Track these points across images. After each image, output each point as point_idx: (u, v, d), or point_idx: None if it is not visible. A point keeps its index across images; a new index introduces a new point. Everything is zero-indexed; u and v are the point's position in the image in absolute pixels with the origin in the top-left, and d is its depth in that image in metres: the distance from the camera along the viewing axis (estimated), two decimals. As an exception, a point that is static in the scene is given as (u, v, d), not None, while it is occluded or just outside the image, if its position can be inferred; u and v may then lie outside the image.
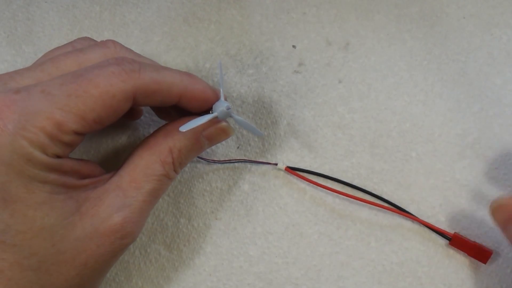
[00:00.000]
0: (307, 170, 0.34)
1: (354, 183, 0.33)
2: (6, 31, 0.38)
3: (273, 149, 0.34)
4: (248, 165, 0.34)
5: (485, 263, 0.31)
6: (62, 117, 0.24)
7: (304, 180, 0.33)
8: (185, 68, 0.36)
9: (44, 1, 0.38)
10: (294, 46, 0.37)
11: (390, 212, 0.33)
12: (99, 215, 0.26)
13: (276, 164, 0.34)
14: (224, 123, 0.30)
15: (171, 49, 0.37)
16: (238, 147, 0.34)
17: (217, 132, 0.30)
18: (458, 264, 0.32)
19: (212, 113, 0.28)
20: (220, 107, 0.28)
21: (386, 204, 0.33)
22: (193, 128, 0.27)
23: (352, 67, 0.36)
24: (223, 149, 0.34)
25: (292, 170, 0.33)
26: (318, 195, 0.33)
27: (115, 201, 0.26)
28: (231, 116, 0.29)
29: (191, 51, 0.37)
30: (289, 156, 0.34)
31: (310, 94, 0.36)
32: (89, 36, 0.37)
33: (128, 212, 0.26)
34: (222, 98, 0.29)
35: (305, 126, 0.35)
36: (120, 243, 0.26)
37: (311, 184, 0.33)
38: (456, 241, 0.32)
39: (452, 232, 0.32)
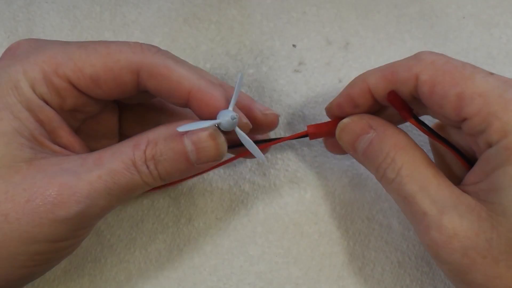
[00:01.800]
0: None
1: (354, 182, 0.33)
2: (6, 31, 0.38)
3: (273, 148, 0.34)
4: (249, 164, 0.34)
5: None
6: (61, 60, 0.25)
7: None
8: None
9: (45, 1, 0.38)
10: (294, 46, 0.37)
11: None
12: (45, 171, 0.24)
13: None
14: (214, 131, 0.26)
15: (172, 50, 0.36)
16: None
17: (204, 139, 0.25)
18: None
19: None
20: (224, 116, 0.25)
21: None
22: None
23: (352, 67, 0.36)
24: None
25: None
26: (318, 194, 0.33)
27: (67, 165, 0.24)
28: (235, 130, 0.26)
29: (192, 52, 0.37)
30: (289, 155, 0.34)
31: (311, 93, 0.36)
32: (90, 37, 0.38)
33: (73, 179, 0.24)
34: (230, 108, 0.26)
35: (305, 125, 0.35)
36: (46, 209, 0.23)
37: None
38: (313, 132, 0.30)
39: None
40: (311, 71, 0.36)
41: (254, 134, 0.30)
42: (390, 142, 0.26)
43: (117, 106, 0.31)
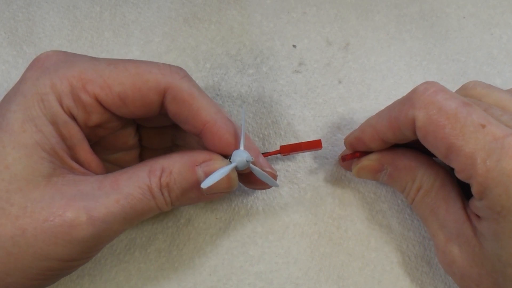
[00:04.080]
0: None
1: (354, 183, 0.33)
2: (6, 31, 0.38)
3: (273, 149, 0.34)
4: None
5: (320, 148, 0.31)
6: (91, 76, 0.25)
7: None
8: (186, 68, 0.36)
9: (45, 1, 0.38)
10: (294, 46, 0.37)
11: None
12: (63, 192, 0.24)
13: None
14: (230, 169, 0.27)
15: (172, 50, 0.37)
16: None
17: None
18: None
19: (230, 162, 0.27)
20: (240, 157, 0.27)
21: None
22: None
23: (352, 67, 0.36)
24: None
25: None
26: (319, 195, 0.33)
27: (85, 188, 0.25)
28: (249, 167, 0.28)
29: (192, 52, 0.37)
30: (289, 156, 0.34)
31: (311, 94, 0.36)
32: (89, 37, 0.37)
33: (90, 202, 0.24)
34: (242, 148, 0.27)
35: (306, 126, 0.35)
36: (63, 230, 0.23)
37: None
38: (286, 149, 0.32)
39: None
40: (311, 72, 0.36)
41: (248, 185, 0.31)
42: (404, 172, 0.29)
43: (135, 124, 0.31)
